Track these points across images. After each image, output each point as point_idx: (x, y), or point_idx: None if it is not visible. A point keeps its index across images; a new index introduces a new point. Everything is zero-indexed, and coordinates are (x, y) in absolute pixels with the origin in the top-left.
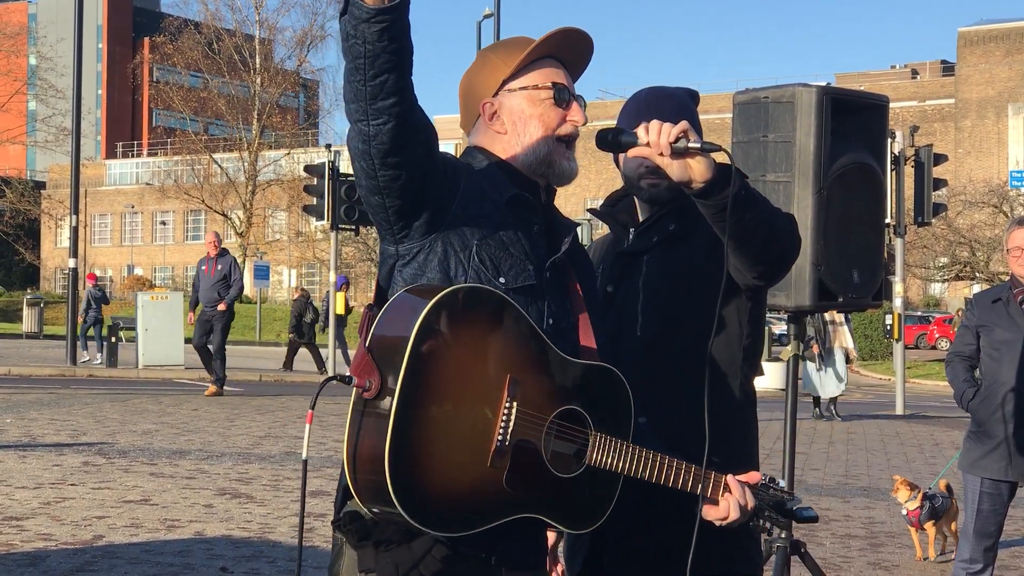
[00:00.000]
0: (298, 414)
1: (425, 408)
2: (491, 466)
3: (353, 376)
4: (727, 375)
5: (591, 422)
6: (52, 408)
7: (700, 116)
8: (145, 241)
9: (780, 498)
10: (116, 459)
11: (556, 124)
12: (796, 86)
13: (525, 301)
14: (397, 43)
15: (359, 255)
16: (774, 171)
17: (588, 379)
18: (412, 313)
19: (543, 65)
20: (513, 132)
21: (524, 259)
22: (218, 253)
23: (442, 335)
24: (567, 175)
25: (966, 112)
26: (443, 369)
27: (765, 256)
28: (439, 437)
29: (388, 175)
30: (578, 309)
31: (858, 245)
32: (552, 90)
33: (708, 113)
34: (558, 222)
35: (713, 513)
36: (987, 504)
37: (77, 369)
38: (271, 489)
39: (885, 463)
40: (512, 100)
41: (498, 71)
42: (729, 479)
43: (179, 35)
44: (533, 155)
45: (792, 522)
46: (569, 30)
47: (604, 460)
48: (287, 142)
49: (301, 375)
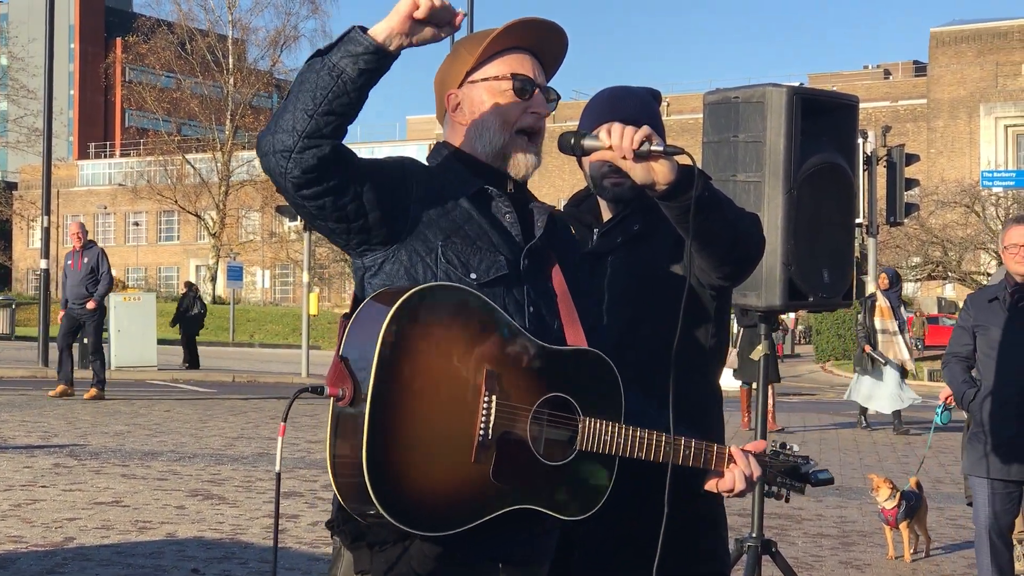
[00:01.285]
0: (271, 415)
1: (399, 410)
2: (476, 461)
3: (326, 386)
4: (693, 374)
5: (579, 407)
6: (23, 410)
7: (673, 116)
8: (118, 242)
9: (793, 463)
10: (87, 460)
11: (516, 116)
12: (767, 86)
13: (502, 292)
14: (364, 91)
15: (333, 256)
16: (744, 171)
17: (571, 364)
18: (378, 318)
19: (508, 55)
20: (472, 124)
21: (494, 251)
22: (83, 245)
23: (409, 336)
24: (523, 168)
25: (938, 112)
26: (414, 369)
27: (730, 257)
28: (417, 437)
29: (313, 205)
30: (560, 294)
31: (828, 245)
32: (512, 80)
33: (681, 113)
34: (532, 208)
35: (720, 485)
36: (1000, 504)
37: (49, 371)
38: (243, 490)
39: (857, 462)
40: (473, 91)
41: (463, 62)
42: (733, 449)
43: (152, 35)
44: (491, 146)
45: (806, 486)
46: (530, 20)
47: (596, 444)
48: None
49: (275, 376)
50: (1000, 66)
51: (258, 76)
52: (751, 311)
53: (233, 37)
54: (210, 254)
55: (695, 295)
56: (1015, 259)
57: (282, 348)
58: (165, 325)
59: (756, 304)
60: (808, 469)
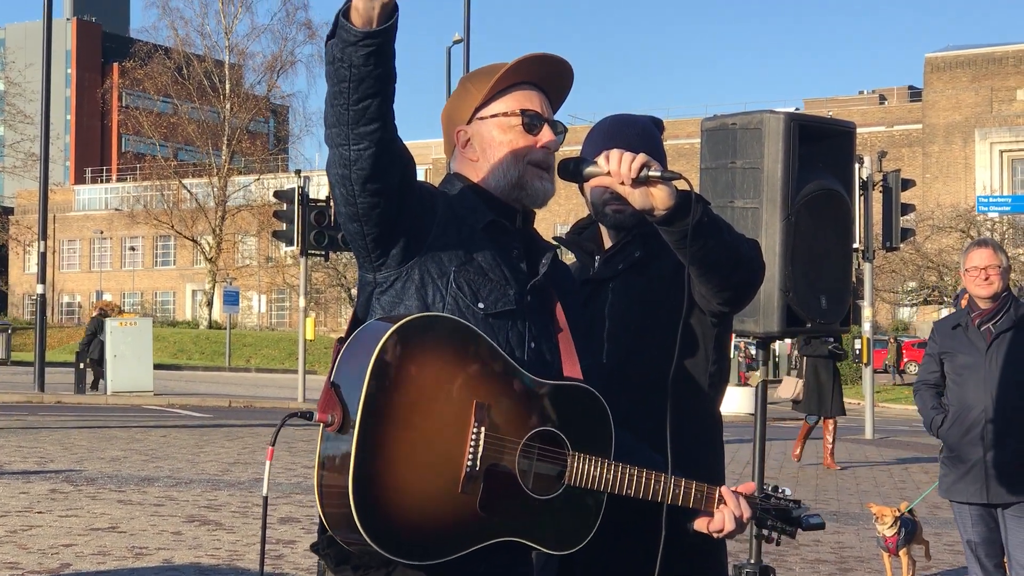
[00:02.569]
0: (267, 440)
1: (387, 439)
2: (463, 492)
3: (314, 412)
4: (693, 401)
5: (568, 442)
6: (19, 435)
7: (670, 141)
8: (114, 267)
9: (785, 507)
10: (84, 486)
11: (526, 151)
12: (764, 113)
13: (505, 325)
14: (383, 68)
15: (329, 280)
16: (742, 197)
17: (562, 399)
18: (369, 346)
19: (516, 91)
20: (484, 160)
21: (503, 284)
22: None
23: (401, 365)
24: (541, 195)
25: (933, 137)
26: (404, 399)
27: (730, 283)
28: (405, 467)
29: (367, 202)
30: (560, 331)
31: (826, 271)
32: (521, 117)
33: (678, 138)
34: (537, 245)
35: (710, 526)
36: (980, 527)
37: (45, 396)
38: (240, 516)
39: (855, 487)
40: (483, 128)
41: (471, 99)
42: (723, 491)
43: (148, 60)
44: (504, 180)
45: (797, 530)
46: (539, 56)
47: (584, 479)
48: (257, 167)
49: (271, 400)
50: (995, 91)
51: (255, 101)
52: (816, 339)
53: (230, 62)
54: (206, 279)
55: (696, 321)
56: (975, 282)
57: (279, 373)
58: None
59: (754, 330)
60: (800, 513)
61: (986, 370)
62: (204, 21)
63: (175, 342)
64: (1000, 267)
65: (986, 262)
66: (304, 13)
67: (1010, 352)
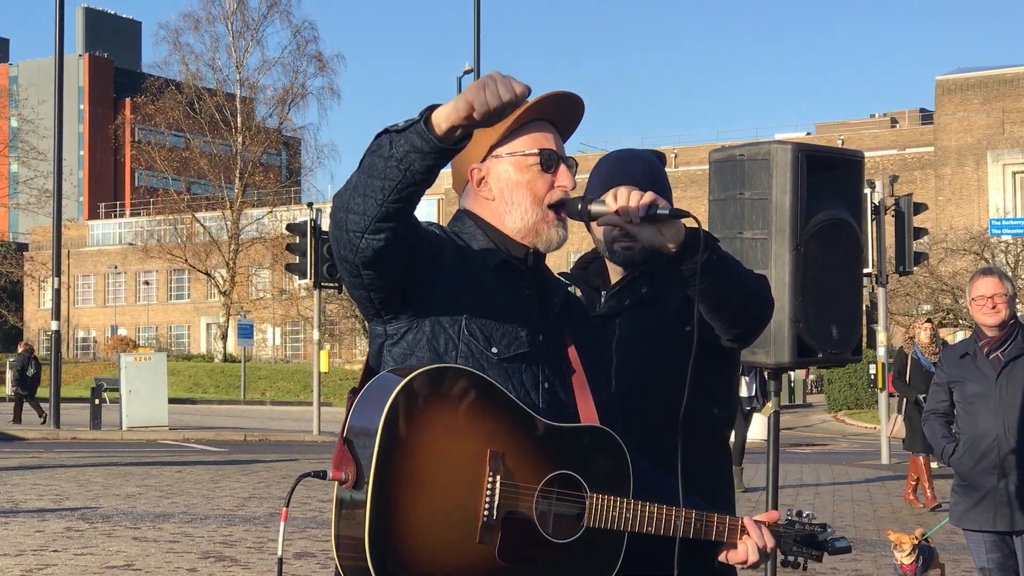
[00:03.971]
0: (282, 474)
1: (402, 493)
2: (481, 542)
3: (327, 471)
4: (703, 436)
5: (586, 484)
6: (35, 472)
7: (681, 168)
8: (128, 301)
9: (810, 531)
10: (99, 524)
11: (544, 191)
12: (771, 144)
13: (519, 369)
14: (432, 179)
15: (343, 312)
16: (751, 228)
17: (577, 442)
18: (380, 400)
19: (531, 129)
20: (501, 199)
21: (516, 326)
22: None
23: (413, 418)
24: (556, 243)
25: (945, 160)
26: (417, 452)
27: (739, 319)
28: (421, 519)
29: (371, 275)
30: (574, 372)
31: (836, 301)
32: (539, 156)
33: (689, 165)
34: (549, 283)
35: (732, 557)
36: (996, 555)
37: (60, 432)
38: (255, 552)
39: (871, 513)
40: (499, 166)
41: (486, 135)
42: (745, 521)
43: (160, 95)
44: (521, 223)
45: (824, 554)
46: (560, 95)
47: (604, 520)
48: (270, 200)
49: (287, 433)
50: (1007, 113)
51: (267, 134)
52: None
53: (241, 96)
54: (220, 312)
55: (704, 356)
56: (982, 311)
57: (294, 405)
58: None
59: (765, 361)
60: (825, 537)
61: (996, 398)
62: (215, 55)
63: (190, 376)
64: (1007, 295)
65: (992, 291)
66: (315, 45)
67: (1020, 379)
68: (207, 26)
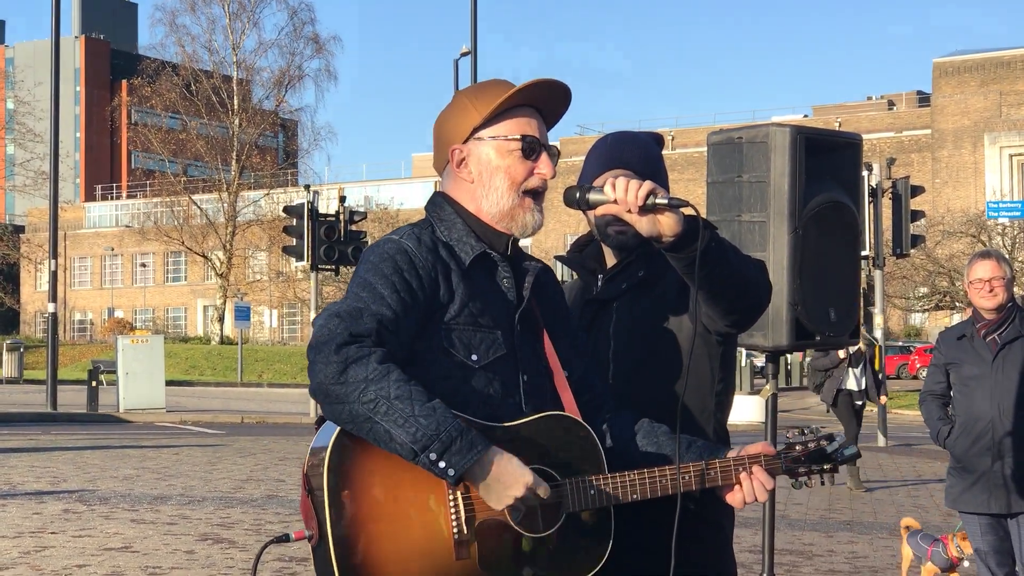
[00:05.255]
0: (280, 457)
1: (364, 538)
2: (459, 559)
3: (290, 534)
4: (700, 420)
5: (557, 473)
6: (32, 454)
7: (678, 150)
8: (125, 284)
9: (814, 448)
10: (97, 506)
11: (523, 177)
12: (770, 126)
13: (500, 371)
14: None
15: (340, 294)
16: (749, 211)
17: (537, 434)
18: (321, 454)
19: (516, 114)
20: (479, 182)
21: (493, 326)
22: None
23: (355, 465)
24: (530, 228)
25: (943, 142)
26: (368, 495)
27: (736, 306)
28: (391, 557)
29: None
30: (549, 356)
31: (834, 283)
32: (521, 142)
33: (686, 147)
34: (523, 268)
35: (737, 499)
36: (992, 537)
37: (58, 414)
38: (253, 533)
39: (868, 496)
40: (481, 148)
41: (470, 117)
42: (733, 457)
43: (157, 77)
44: (497, 207)
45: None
46: (545, 82)
47: (583, 502)
48: (266, 182)
49: (284, 416)
50: (1004, 95)
51: (263, 116)
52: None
53: (238, 78)
54: (217, 294)
55: (702, 341)
56: (980, 294)
57: (291, 388)
58: (173, 367)
59: (763, 344)
60: (834, 448)
61: (993, 381)
62: (211, 37)
63: (187, 358)
64: (1004, 278)
65: (990, 274)
66: (311, 27)
67: (1016, 362)
68: (203, 8)
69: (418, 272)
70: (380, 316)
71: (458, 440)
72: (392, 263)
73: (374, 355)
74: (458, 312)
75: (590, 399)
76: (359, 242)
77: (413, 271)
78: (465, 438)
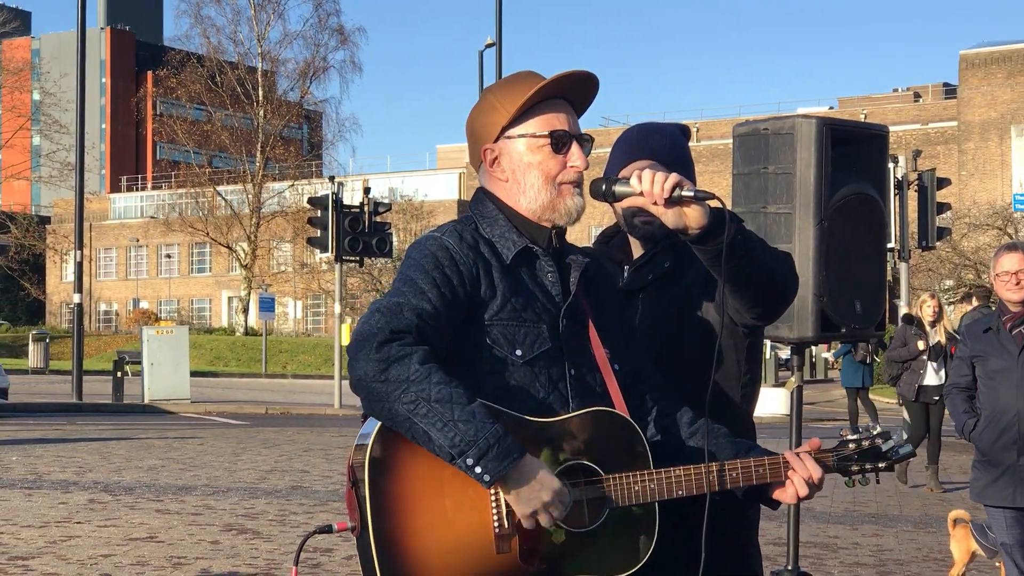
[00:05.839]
0: (304, 448)
1: (405, 530)
2: (499, 552)
3: (332, 525)
4: (726, 412)
5: (600, 468)
6: (58, 445)
7: (703, 142)
8: (150, 275)
9: (869, 446)
10: (122, 496)
11: (556, 171)
12: (796, 118)
13: (545, 365)
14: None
15: (364, 285)
16: (775, 202)
17: (581, 428)
18: (364, 448)
19: (544, 109)
20: (514, 180)
21: (537, 321)
22: None
23: (398, 454)
24: (574, 213)
25: (969, 135)
26: (410, 488)
27: (763, 298)
28: (433, 548)
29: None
30: (596, 349)
31: (860, 275)
32: (549, 138)
33: (711, 139)
34: (569, 261)
35: (785, 495)
36: (1017, 531)
37: (84, 404)
38: (278, 524)
39: (893, 489)
40: (511, 147)
41: (498, 115)
42: (787, 455)
43: (182, 68)
44: (536, 203)
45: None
46: (570, 74)
47: (627, 497)
48: (291, 173)
49: (308, 407)
50: None
51: (288, 107)
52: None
53: (262, 69)
54: (242, 285)
55: (728, 333)
56: (1006, 287)
57: (315, 379)
58: (198, 357)
59: (789, 336)
60: (889, 447)
61: (1019, 374)
62: (236, 28)
63: (211, 349)
64: None
65: (1017, 266)
66: (336, 19)
67: None
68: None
69: (459, 268)
70: (420, 310)
71: (495, 447)
72: (433, 259)
73: (416, 355)
74: (500, 308)
75: (642, 392)
76: (383, 233)
77: (454, 267)
78: (502, 445)
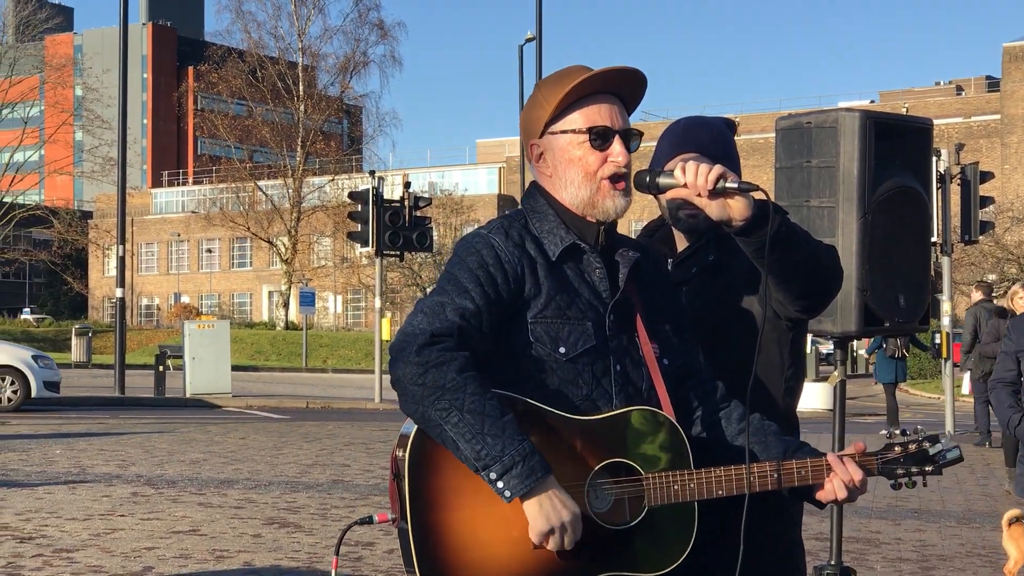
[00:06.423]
0: (345, 442)
1: (443, 523)
2: (537, 548)
3: (373, 516)
4: (769, 406)
5: (640, 466)
6: (101, 438)
7: (743, 136)
8: (191, 269)
9: (916, 449)
10: (165, 489)
11: (597, 167)
12: (839, 111)
13: (589, 363)
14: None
15: (404, 280)
16: (818, 196)
17: (620, 428)
18: (405, 439)
19: (586, 104)
20: (557, 175)
21: (582, 318)
22: None
23: (439, 449)
24: (611, 213)
25: (1012, 128)
26: (448, 482)
27: (808, 291)
28: (470, 540)
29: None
30: (643, 343)
31: (903, 269)
32: (588, 135)
33: (751, 133)
34: (618, 257)
35: (822, 496)
36: None
37: (126, 399)
38: (319, 518)
39: (935, 484)
40: (554, 143)
41: (542, 111)
42: (830, 458)
43: (223, 63)
44: (577, 198)
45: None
46: (613, 70)
47: (665, 496)
48: (331, 168)
49: (348, 401)
50: None
51: (328, 102)
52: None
53: (303, 64)
54: (282, 280)
55: (772, 326)
56: None
57: (355, 373)
58: (239, 352)
59: (831, 330)
60: (937, 451)
61: None
62: (277, 23)
63: (252, 343)
64: None
65: None
66: (376, 13)
67: None
68: None
69: (503, 266)
70: (462, 309)
71: (520, 464)
72: (478, 257)
73: (455, 362)
74: (544, 305)
75: (690, 388)
76: (423, 228)
77: (498, 265)
78: (527, 463)
